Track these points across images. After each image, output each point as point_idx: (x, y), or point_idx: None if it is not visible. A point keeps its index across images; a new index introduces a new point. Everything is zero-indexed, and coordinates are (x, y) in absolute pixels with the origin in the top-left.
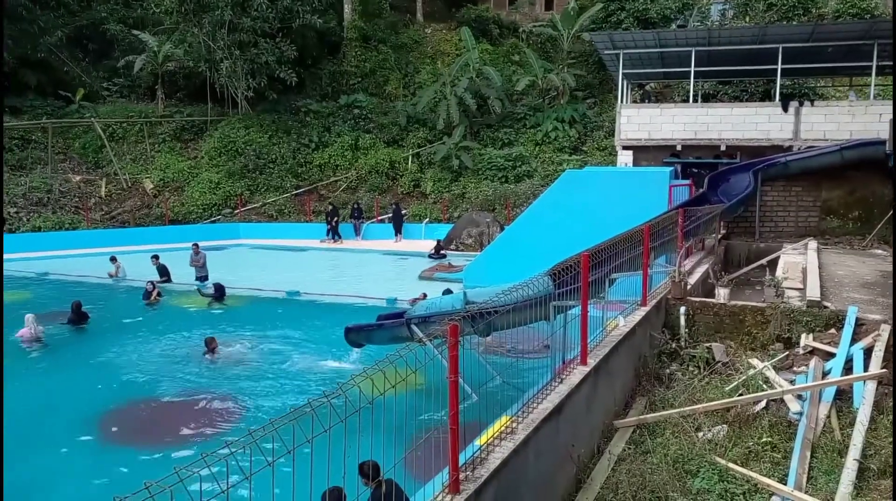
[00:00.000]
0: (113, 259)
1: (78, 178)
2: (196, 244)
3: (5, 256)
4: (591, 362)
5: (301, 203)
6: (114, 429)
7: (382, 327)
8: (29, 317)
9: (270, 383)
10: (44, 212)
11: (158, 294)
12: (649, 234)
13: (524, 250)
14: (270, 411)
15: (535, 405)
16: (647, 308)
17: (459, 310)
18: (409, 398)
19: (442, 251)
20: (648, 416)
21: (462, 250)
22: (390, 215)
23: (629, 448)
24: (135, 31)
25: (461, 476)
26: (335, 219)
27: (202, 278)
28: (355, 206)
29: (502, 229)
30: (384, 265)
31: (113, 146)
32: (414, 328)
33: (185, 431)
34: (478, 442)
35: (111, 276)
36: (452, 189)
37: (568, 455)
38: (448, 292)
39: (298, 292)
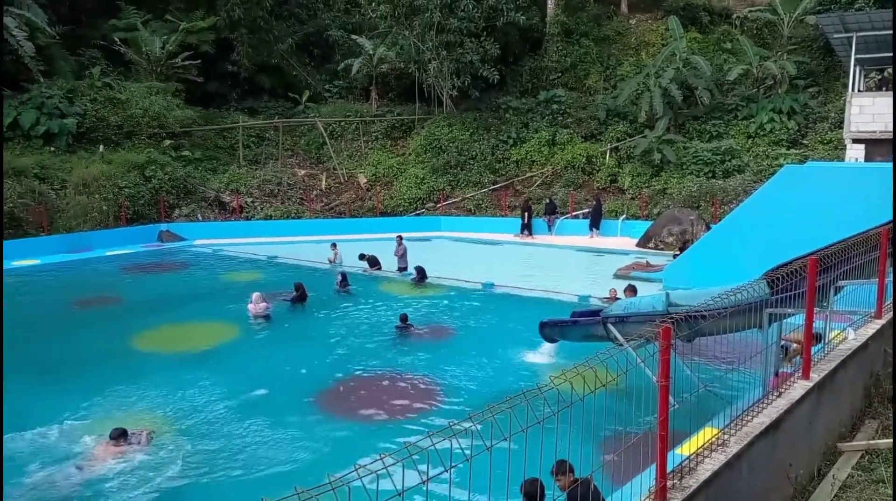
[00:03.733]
0: (333, 246)
1: (302, 172)
2: (400, 236)
3: (243, 239)
4: (815, 376)
5: (497, 198)
6: (327, 401)
7: (577, 324)
8: (255, 295)
9: (466, 368)
10: (274, 202)
11: (349, 287)
12: (888, 238)
13: (733, 252)
14: (466, 395)
15: (748, 418)
16: (881, 321)
17: (660, 312)
18: (603, 400)
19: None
20: (881, 441)
21: (662, 249)
22: (587, 210)
23: (857, 475)
24: (353, 36)
25: (668, 483)
26: (527, 213)
27: (402, 268)
28: (548, 201)
29: (708, 227)
30: (578, 261)
31: (332, 143)
32: (610, 327)
33: (391, 408)
34: (679, 452)
35: (330, 261)
36: (652, 184)
37: (784, 475)
38: (631, 288)
39: (493, 284)
